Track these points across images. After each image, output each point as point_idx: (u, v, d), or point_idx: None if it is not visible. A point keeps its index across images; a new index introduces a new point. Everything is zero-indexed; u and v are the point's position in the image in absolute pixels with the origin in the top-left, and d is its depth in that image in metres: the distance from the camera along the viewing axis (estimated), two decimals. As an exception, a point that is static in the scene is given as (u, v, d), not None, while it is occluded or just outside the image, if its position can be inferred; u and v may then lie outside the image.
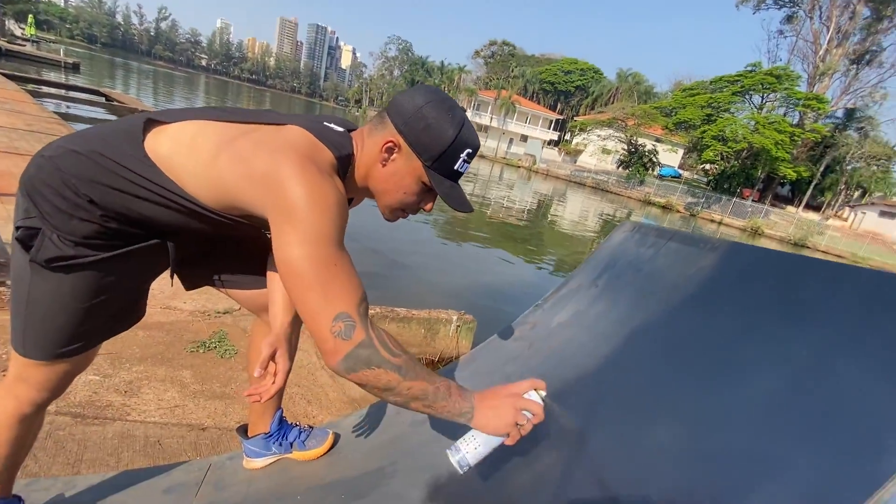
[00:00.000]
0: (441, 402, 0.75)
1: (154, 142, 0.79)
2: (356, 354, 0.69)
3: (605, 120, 35.42)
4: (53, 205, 0.77)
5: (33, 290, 0.82)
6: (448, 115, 0.80)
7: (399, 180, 0.84)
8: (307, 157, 0.73)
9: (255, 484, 1.16)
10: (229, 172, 0.75)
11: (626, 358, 1.00)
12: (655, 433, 0.82)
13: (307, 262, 0.68)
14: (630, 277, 1.20)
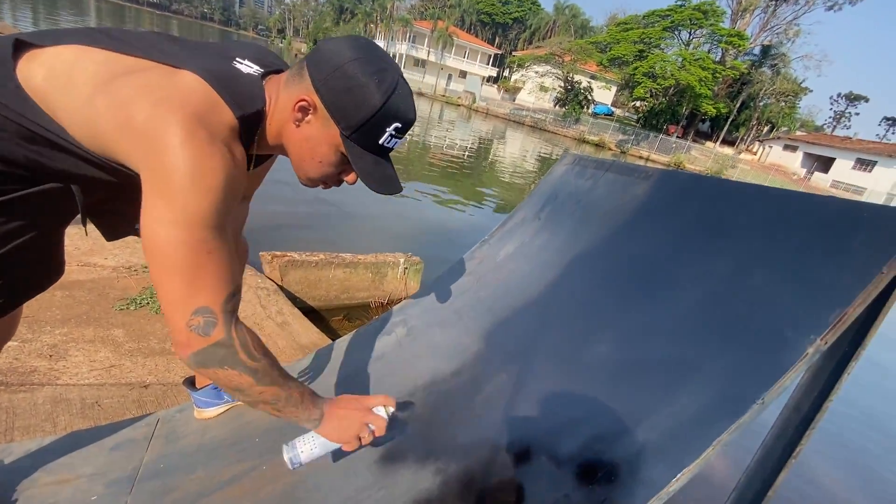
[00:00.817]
0: (291, 408, 0.75)
1: (26, 69, 0.66)
2: (210, 352, 0.65)
3: (543, 55, 35.01)
4: None
5: None
6: (375, 78, 0.68)
7: (314, 146, 0.73)
8: (198, 119, 0.61)
9: (210, 433, 1.16)
10: (104, 118, 0.63)
11: (565, 284, 1.06)
12: (591, 349, 0.90)
13: (175, 247, 0.60)
14: (570, 208, 1.25)
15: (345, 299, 3.53)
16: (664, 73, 29.08)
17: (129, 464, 1.09)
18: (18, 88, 0.65)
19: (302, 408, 0.76)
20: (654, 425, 0.70)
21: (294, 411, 0.75)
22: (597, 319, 0.93)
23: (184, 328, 0.63)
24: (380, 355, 1.24)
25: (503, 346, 1.04)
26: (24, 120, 0.66)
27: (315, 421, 0.78)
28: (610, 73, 35.18)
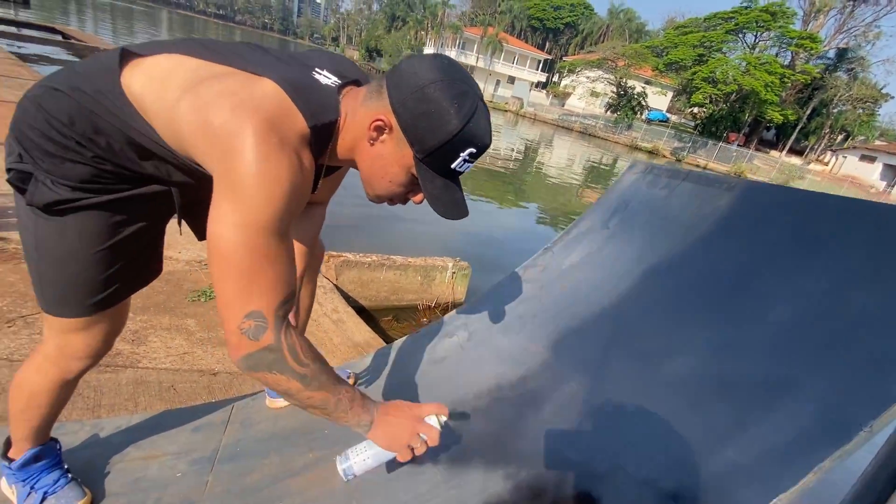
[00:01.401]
0: (341, 412, 0.74)
1: (130, 76, 0.71)
2: (259, 356, 0.66)
3: (595, 60, 34.22)
4: (41, 147, 0.73)
5: (39, 236, 0.79)
6: (455, 103, 0.67)
7: (385, 165, 0.73)
8: (271, 125, 0.63)
9: (281, 421, 1.21)
10: (186, 120, 0.66)
11: (641, 295, 1.03)
12: (672, 364, 0.87)
13: (237, 248, 0.62)
14: (644, 218, 1.21)
15: (394, 300, 3.60)
16: (726, 78, 27.63)
17: (209, 445, 1.16)
18: (122, 95, 0.71)
19: (352, 413, 0.75)
20: (746, 447, 0.67)
21: (344, 416, 0.74)
22: (677, 334, 0.90)
23: (235, 330, 0.64)
24: (441, 358, 1.26)
25: (573, 355, 1.02)
26: (127, 126, 0.72)
27: (366, 426, 0.77)
28: (666, 78, 33.85)
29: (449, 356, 1.24)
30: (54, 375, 0.88)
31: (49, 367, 0.88)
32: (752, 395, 0.72)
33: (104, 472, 1.09)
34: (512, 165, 13.36)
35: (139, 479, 1.07)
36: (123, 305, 0.93)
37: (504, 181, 10.43)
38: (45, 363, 0.88)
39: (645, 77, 35.79)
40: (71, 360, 0.88)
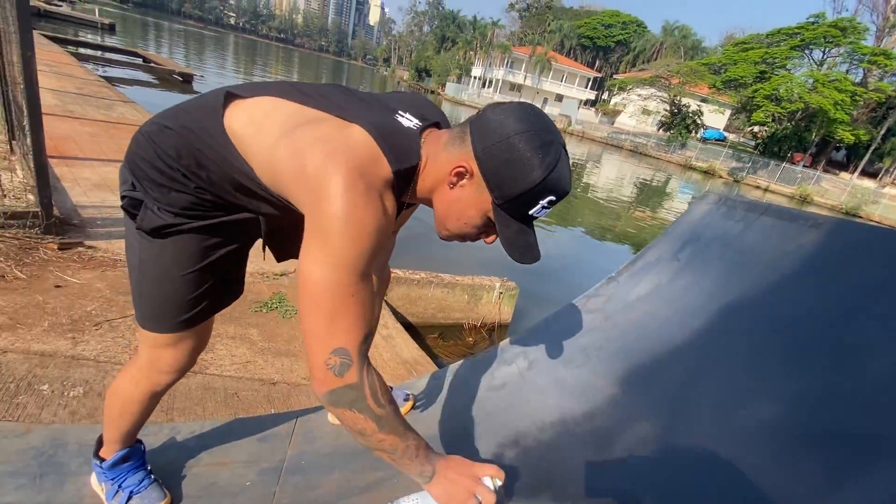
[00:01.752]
0: (406, 459, 0.74)
1: (232, 117, 0.78)
2: (342, 393, 0.68)
3: (647, 78, 33.42)
4: (152, 178, 0.81)
5: (143, 257, 0.87)
6: (538, 154, 0.68)
7: (462, 208, 0.76)
8: (360, 172, 0.67)
9: (343, 438, 1.24)
10: (283, 163, 0.71)
11: (720, 335, 0.99)
12: (754, 411, 0.82)
13: (324, 287, 0.65)
14: (718, 252, 1.17)
15: (441, 318, 3.62)
16: (790, 96, 26.11)
17: (275, 456, 1.21)
18: (224, 134, 0.77)
19: (417, 462, 0.75)
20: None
21: (408, 464, 0.74)
22: (761, 380, 0.85)
23: (322, 366, 0.67)
24: (499, 385, 1.25)
25: (645, 394, 0.99)
26: (226, 163, 0.78)
27: (426, 477, 0.76)
28: (724, 95, 32.47)
29: (508, 383, 1.23)
30: (145, 387, 0.96)
31: (142, 378, 0.95)
32: (846, 451, 0.67)
33: (181, 476, 1.15)
34: (558, 184, 13.17)
35: (212, 485, 1.13)
36: (208, 324, 1.00)
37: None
38: (139, 375, 0.96)
39: (701, 95, 34.49)
40: (160, 373, 0.95)
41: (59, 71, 8.06)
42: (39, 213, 2.41)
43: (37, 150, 2.30)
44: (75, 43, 14.49)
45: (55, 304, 1.97)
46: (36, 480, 1.10)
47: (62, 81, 7.13)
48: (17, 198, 2.65)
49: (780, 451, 0.75)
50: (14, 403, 1.43)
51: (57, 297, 2.02)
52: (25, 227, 2.37)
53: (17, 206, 2.46)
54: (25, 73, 2.16)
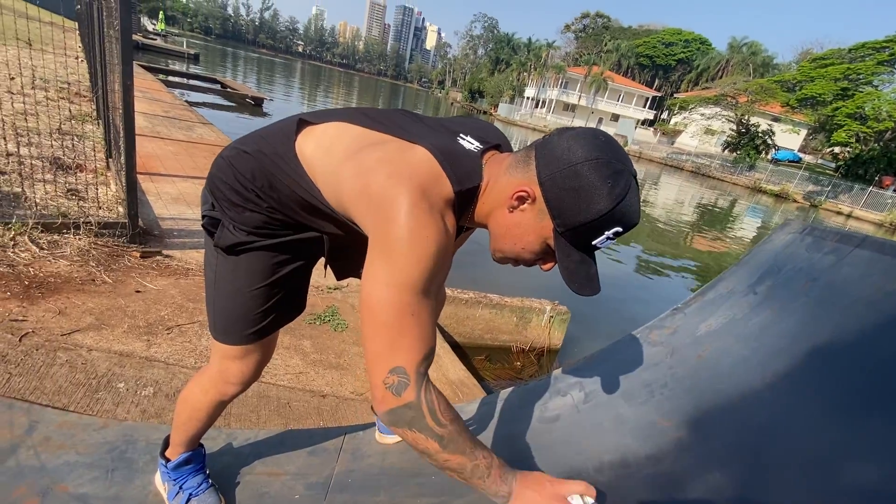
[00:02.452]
0: (477, 478, 0.70)
1: (303, 142, 0.81)
2: (400, 413, 0.67)
3: (712, 97, 31.91)
4: (229, 199, 0.86)
5: (218, 272, 0.92)
6: (607, 184, 0.65)
7: (521, 233, 0.74)
8: (423, 192, 0.67)
9: (389, 458, 1.23)
10: (348, 183, 0.73)
11: (806, 380, 0.89)
12: (850, 470, 0.72)
13: (385, 306, 0.65)
14: (802, 287, 1.06)
15: (488, 339, 3.56)
16: (878, 114, 23.87)
17: (323, 471, 1.22)
18: (295, 158, 0.81)
19: (489, 480, 0.71)
20: None
21: (481, 483, 0.71)
22: (857, 433, 0.75)
23: (380, 384, 0.67)
24: (554, 416, 1.19)
25: (718, 440, 0.90)
26: (297, 185, 0.82)
27: (503, 498, 0.72)
28: (799, 114, 30.26)
29: (562, 416, 1.17)
30: (213, 396, 1.00)
31: (210, 388, 1.00)
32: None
33: (235, 482, 1.19)
34: (613, 205, 12.73)
35: (263, 495, 1.15)
36: (273, 338, 1.04)
37: (605, 222, 9.96)
38: (208, 384, 1.00)
39: (772, 114, 32.40)
40: (228, 384, 0.99)
41: (151, 96, 8.97)
42: (127, 223, 2.65)
43: (129, 168, 2.55)
44: (165, 72, 16.13)
45: (134, 307, 2.14)
46: (108, 474, 1.18)
47: (152, 106, 7.92)
48: (109, 210, 2.94)
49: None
50: (94, 398, 1.55)
51: (136, 301, 2.19)
52: (114, 237, 2.61)
53: (109, 217, 2.72)
54: (125, 100, 2.41)
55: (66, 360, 1.68)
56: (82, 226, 2.51)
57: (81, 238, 2.46)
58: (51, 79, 6.25)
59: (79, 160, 3.73)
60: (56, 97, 5.76)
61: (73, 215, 2.58)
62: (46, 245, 2.33)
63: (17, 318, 1.80)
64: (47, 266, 2.21)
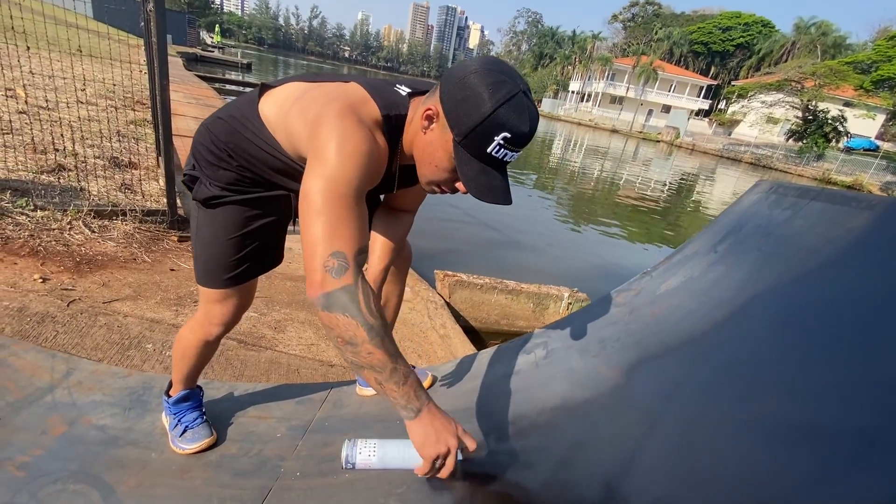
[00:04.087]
0: (392, 384, 0.73)
1: (264, 103, 0.93)
2: (337, 296, 0.70)
3: (774, 83, 29.75)
4: (206, 159, 1.00)
5: (199, 223, 1.07)
6: (489, 89, 0.71)
7: (433, 152, 0.80)
8: (351, 109, 0.76)
9: (364, 407, 1.34)
10: (294, 122, 0.84)
11: (736, 325, 0.89)
12: (756, 403, 0.74)
13: (322, 195, 0.71)
14: (757, 242, 1.05)
15: (504, 325, 3.59)
16: (971, 94, 21.30)
17: (306, 417, 1.34)
18: (258, 118, 0.93)
19: (403, 391, 0.75)
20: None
21: (395, 389, 0.75)
22: (770, 370, 0.76)
23: (320, 268, 0.71)
24: (516, 371, 1.25)
25: (647, 383, 0.93)
26: (261, 142, 0.93)
27: (411, 412, 0.77)
28: (875, 98, 27.58)
29: (522, 371, 1.23)
30: (199, 336, 1.15)
31: (197, 328, 1.15)
32: (845, 447, 0.58)
33: (229, 422, 1.34)
34: (661, 199, 12.26)
35: (250, 433, 1.29)
36: (251, 286, 1.16)
37: (648, 216, 9.63)
38: (195, 325, 1.15)
39: (844, 98, 29.73)
40: (211, 325, 1.13)
41: (205, 103, 9.66)
42: (167, 211, 2.93)
43: (167, 160, 2.82)
44: (221, 80, 17.25)
45: (168, 283, 2.38)
46: (125, 412, 1.36)
47: (204, 111, 8.53)
48: (156, 201, 3.26)
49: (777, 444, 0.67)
50: (125, 355, 1.76)
51: (170, 278, 2.44)
52: (156, 223, 2.90)
53: (152, 206, 3.02)
54: (162, 98, 2.68)
55: (104, 323, 1.92)
56: (128, 213, 2.80)
57: (128, 223, 2.76)
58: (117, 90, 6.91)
59: (133, 159, 4.14)
60: (120, 105, 6.36)
61: (121, 205, 2.89)
62: (97, 229, 2.64)
63: (67, 288, 2.07)
64: (97, 246, 2.50)
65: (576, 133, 33.52)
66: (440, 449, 0.78)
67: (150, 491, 1.08)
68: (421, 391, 0.79)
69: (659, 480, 0.72)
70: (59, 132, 3.90)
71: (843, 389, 0.64)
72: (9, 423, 1.24)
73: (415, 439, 0.78)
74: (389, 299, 1.34)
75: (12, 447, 1.16)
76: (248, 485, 1.07)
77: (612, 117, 43.74)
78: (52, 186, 3.00)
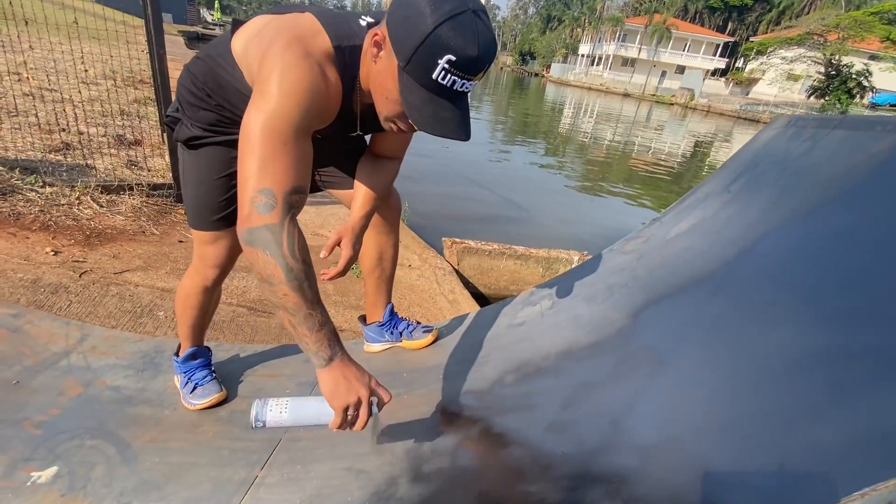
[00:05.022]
0: (305, 329, 0.71)
1: (235, 40, 0.90)
2: (259, 233, 0.68)
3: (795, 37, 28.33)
4: (187, 100, 0.98)
5: (185, 165, 1.06)
6: (430, 6, 0.64)
7: (382, 81, 0.74)
8: (298, 40, 0.72)
9: (371, 363, 1.34)
10: (252, 55, 0.81)
11: (750, 260, 0.86)
12: (771, 334, 0.70)
13: (259, 130, 0.68)
14: (773, 177, 1.00)
15: (513, 290, 3.58)
16: None
17: (312, 374, 1.35)
18: (229, 54, 0.90)
19: (316, 337, 0.72)
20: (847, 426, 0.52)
21: (307, 335, 0.72)
22: (785, 301, 0.73)
23: (247, 203, 0.69)
24: (521, 322, 1.23)
25: (655, 324, 0.90)
26: (233, 78, 0.90)
27: (322, 360, 0.74)
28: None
29: (528, 322, 1.21)
30: (197, 281, 1.15)
31: (194, 273, 1.15)
32: (862, 368, 0.55)
33: (238, 380, 1.36)
34: (673, 163, 11.94)
35: (260, 389, 1.31)
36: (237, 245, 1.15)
37: (659, 181, 9.41)
38: (192, 271, 1.16)
39: (869, 51, 28.24)
40: (206, 268, 1.13)
41: (207, 80, 9.56)
42: (173, 184, 2.93)
43: (170, 134, 2.79)
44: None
45: (177, 254, 2.40)
46: (139, 373, 1.39)
47: (207, 88, 8.45)
48: (162, 176, 3.26)
49: (794, 373, 0.64)
50: (138, 322, 1.79)
51: (179, 249, 2.45)
52: (163, 196, 2.90)
53: (157, 180, 3.03)
54: (159, 68, 2.63)
55: (116, 292, 1.95)
56: (135, 187, 2.81)
57: (135, 198, 2.77)
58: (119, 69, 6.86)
59: (138, 136, 4.13)
60: (122, 84, 6.32)
61: (129, 180, 2.90)
62: (105, 204, 2.65)
63: (79, 260, 2.10)
64: (106, 220, 2.52)
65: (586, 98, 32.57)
66: (350, 398, 0.75)
67: (164, 445, 1.11)
68: (335, 342, 0.76)
69: (666, 419, 0.70)
70: (64, 112, 3.89)
71: (864, 315, 0.61)
72: (26, 386, 1.27)
73: (324, 389, 0.75)
74: (384, 251, 1.32)
75: (30, 408, 1.19)
76: (258, 437, 1.09)
77: (623, 80, 42.33)
78: (59, 164, 3.02)
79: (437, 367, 1.17)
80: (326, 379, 0.75)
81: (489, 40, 0.67)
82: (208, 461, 1.03)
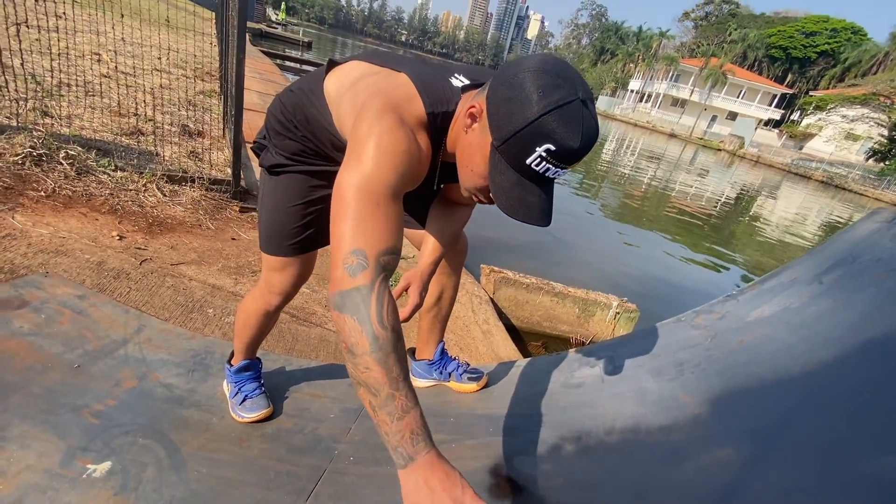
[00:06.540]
0: (386, 413, 0.60)
1: (329, 80, 0.92)
2: (349, 296, 0.63)
3: (860, 96, 27.38)
4: (275, 128, 1.02)
5: (264, 189, 1.09)
6: (539, 91, 0.62)
7: (471, 154, 0.73)
8: (394, 106, 0.72)
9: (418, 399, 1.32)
10: (346, 107, 0.81)
11: (852, 370, 0.80)
12: (877, 460, 0.65)
13: (353, 191, 0.67)
14: (876, 277, 0.94)
15: (546, 327, 3.51)
16: None
17: (357, 401, 1.34)
18: (321, 93, 0.92)
19: (397, 427, 0.60)
20: None
21: (387, 422, 0.60)
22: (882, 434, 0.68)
23: (339, 264, 0.65)
24: (577, 384, 1.19)
25: (736, 420, 0.86)
26: (322, 117, 0.93)
27: (402, 458, 0.60)
28: (977, 120, 24.80)
29: (586, 384, 1.17)
30: (260, 305, 1.17)
31: (259, 297, 1.18)
32: None
33: (284, 396, 1.36)
34: (717, 211, 11.60)
35: (305, 410, 1.31)
36: (310, 258, 1.17)
37: (701, 228, 9.14)
38: (257, 293, 1.18)
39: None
40: (272, 294, 1.15)
41: (267, 78, 9.95)
42: (231, 182, 3.04)
43: (236, 132, 2.91)
44: (282, 57, 17.71)
45: (229, 251, 2.47)
46: (189, 373, 1.42)
47: (266, 86, 8.79)
48: (220, 171, 3.39)
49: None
50: (189, 317, 1.84)
51: (231, 246, 2.52)
52: (221, 192, 3.01)
53: (218, 175, 3.14)
54: (237, 71, 2.75)
55: (171, 284, 2.01)
56: (196, 180, 2.92)
57: (195, 190, 2.88)
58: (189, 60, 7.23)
59: (201, 128, 4.31)
60: (192, 75, 6.66)
61: (191, 172, 3.02)
62: (168, 193, 2.77)
63: (141, 247, 2.18)
64: (167, 210, 2.62)
65: (630, 134, 32.22)
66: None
67: (211, 455, 1.12)
68: (420, 435, 0.61)
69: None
70: (138, 97, 4.11)
71: None
72: (87, 370, 1.32)
73: (404, 496, 0.61)
74: (444, 291, 1.32)
75: (90, 395, 1.23)
76: (303, 462, 1.09)
77: (671, 120, 41.72)
78: (130, 149, 3.17)
79: (486, 418, 1.15)
80: (409, 486, 0.60)
81: (593, 131, 0.66)
82: (255, 482, 1.03)
